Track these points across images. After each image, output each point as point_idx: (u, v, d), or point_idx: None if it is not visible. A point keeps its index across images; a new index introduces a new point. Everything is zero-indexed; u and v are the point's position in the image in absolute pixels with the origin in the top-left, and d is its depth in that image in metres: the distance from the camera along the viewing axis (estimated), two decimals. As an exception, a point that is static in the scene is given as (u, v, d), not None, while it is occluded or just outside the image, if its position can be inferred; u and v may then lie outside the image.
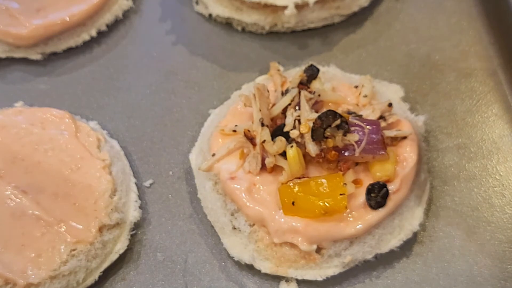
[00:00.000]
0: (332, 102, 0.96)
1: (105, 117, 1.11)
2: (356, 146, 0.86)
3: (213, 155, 0.94)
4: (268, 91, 0.96)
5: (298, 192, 0.85)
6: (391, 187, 0.88)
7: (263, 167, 0.90)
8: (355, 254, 0.88)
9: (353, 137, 0.86)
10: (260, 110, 0.92)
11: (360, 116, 0.92)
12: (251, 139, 0.90)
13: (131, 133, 1.09)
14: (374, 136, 0.87)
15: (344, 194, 0.84)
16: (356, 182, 0.88)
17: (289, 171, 0.87)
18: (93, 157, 0.98)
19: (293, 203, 0.85)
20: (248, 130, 0.91)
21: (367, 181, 0.88)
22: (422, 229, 0.93)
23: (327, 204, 0.84)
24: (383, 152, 0.87)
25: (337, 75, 1.03)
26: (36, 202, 0.91)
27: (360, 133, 0.87)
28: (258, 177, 0.90)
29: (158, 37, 1.22)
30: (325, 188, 0.85)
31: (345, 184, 0.86)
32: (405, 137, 0.93)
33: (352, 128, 0.87)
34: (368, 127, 0.87)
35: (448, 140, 1.04)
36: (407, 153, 0.91)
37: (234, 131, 0.94)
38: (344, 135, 0.86)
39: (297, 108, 0.92)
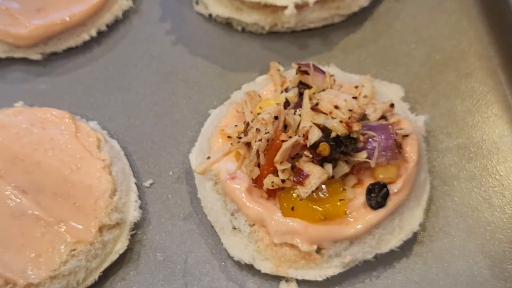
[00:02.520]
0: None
1: (105, 117, 1.11)
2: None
3: (208, 158, 0.94)
4: (259, 96, 0.96)
5: (297, 198, 0.85)
6: (392, 188, 0.88)
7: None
8: (355, 254, 0.88)
9: (361, 155, 0.86)
10: (251, 112, 0.92)
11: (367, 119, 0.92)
12: (246, 142, 0.90)
13: (131, 133, 1.09)
14: (387, 142, 0.86)
15: (343, 199, 0.84)
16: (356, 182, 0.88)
17: None
18: (93, 157, 0.98)
19: (292, 208, 0.85)
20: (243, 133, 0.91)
21: (367, 180, 0.88)
22: (422, 229, 0.93)
23: (326, 210, 0.83)
24: (397, 157, 0.87)
25: (337, 75, 1.02)
26: (36, 202, 0.91)
27: (374, 143, 0.87)
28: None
29: (158, 37, 1.22)
30: (324, 193, 0.85)
31: (345, 189, 0.86)
32: (406, 135, 0.93)
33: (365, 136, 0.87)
34: (379, 136, 0.87)
35: (448, 140, 1.04)
36: (408, 153, 0.91)
37: (229, 137, 0.94)
38: (351, 155, 0.86)
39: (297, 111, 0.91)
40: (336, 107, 0.88)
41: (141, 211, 0.98)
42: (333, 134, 0.84)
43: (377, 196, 0.86)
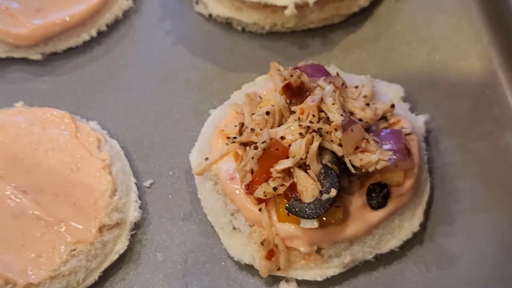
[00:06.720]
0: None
1: (105, 117, 1.11)
2: None
3: (206, 159, 0.94)
4: (260, 97, 0.96)
5: None
6: (398, 190, 0.88)
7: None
8: (355, 255, 0.88)
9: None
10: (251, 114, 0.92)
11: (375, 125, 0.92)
12: (244, 144, 0.90)
13: (131, 133, 1.09)
14: (395, 146, 0.86)
15: (339, 206, 0.84)
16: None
17: None
18: (93, 157, 0.98)
19: (288, 214, 0.84)
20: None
21: (367, 181, 0.88)
22: (422, 229, 0.93)
23: (321, 218, 0.83)
24: (405, 160, 0.86)
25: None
26: (36, 202, 0.91)
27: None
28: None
29: (158, 37, 1.22)
30: None
31: (341, 196, 0.85)
32: (409, 134, 0.93)
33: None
34: (388, 145, 0.86)
35: (448, 140, 1.04)
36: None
37: (228, 137, 0.94)
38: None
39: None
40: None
41: (141, 211, 0.98)
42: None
43: (378, 196, 0.86)
